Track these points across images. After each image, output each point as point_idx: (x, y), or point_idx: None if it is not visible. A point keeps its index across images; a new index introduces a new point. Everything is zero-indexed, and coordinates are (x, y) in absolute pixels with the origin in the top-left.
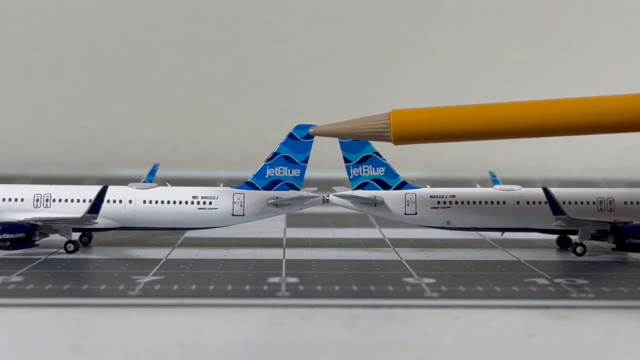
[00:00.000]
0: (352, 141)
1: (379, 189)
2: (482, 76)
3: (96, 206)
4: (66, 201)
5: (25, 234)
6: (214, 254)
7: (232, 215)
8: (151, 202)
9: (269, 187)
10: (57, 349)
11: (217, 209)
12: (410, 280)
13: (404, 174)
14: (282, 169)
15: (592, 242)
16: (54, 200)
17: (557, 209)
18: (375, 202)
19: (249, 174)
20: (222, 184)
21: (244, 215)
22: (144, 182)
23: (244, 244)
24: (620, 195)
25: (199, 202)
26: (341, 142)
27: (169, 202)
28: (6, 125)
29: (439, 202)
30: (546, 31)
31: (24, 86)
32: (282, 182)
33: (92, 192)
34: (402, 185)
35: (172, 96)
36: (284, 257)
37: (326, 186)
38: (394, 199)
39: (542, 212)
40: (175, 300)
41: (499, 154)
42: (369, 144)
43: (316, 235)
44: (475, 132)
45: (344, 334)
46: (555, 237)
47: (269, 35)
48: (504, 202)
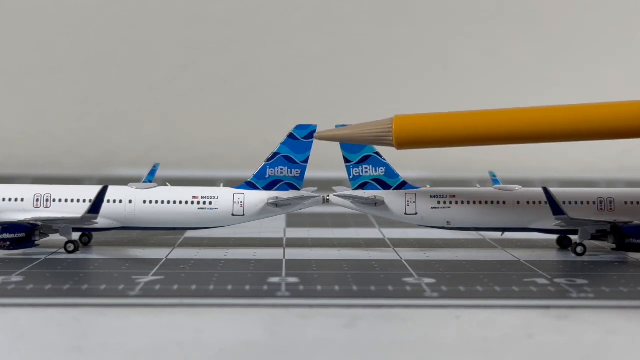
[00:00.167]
0: None
1: (379, 189)
2: (482, 76)
3: (96, 206)
4: (66, 201)
5: (25, 234)
6: (214, 254)
7: (232, 215)
8: (151, 202)
9: (269, 187)
10: (57, 349)
11: (217, 209)
12: (410, 280)
13: (404, 174)
14: (282, 169)
15: (592, 242)
16: (54, 200)
17: (557, 209)
18: (375, 202)
19: (249, 174)
20: (222, 184)
21: (244, 215)
22: (144, 182)
23: (244, 244)
24: (620, 195)
25: (199, 202)
26: (341, 142)
27: (169, 202)
28: (6, 125)
29: (439, 202)
30: (546, 31)
31: (24, 86)
32: (282, 182)
33: (92, 192)
34: (402, 185)
35: (172, 96)
36: (284, 257)
37: (326, 186)
38: (394, 199)
39: (542, 212)
40: (175, 300)
41: (499, 154)
42: None
43: (316, 235)
44: (476, 138)
45: (344, 334)
46: (555, 237)
47: (269, 35)
48: (504, 202)
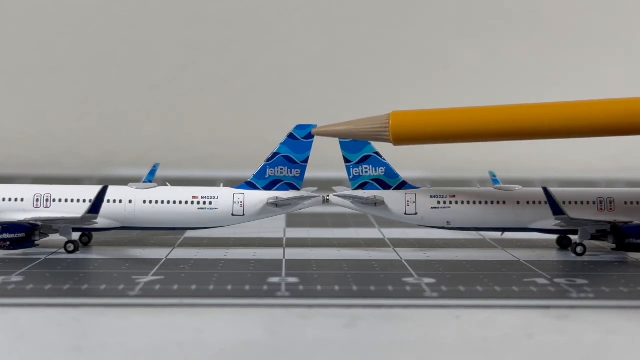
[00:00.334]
0: (352, 141)
1: (379, 189)
2: (482, 76)
3: (96, 206)
4: (66, 201)
5: (25, 234)
6: (214, 254)
7: (232, 215)
8: (151, 202)
9: (269, 187)
10: (57, 349)
11: (217, 209)
12: (410, 280)
13: (404, 174)
14: (282, 169)
15: (592, 242)
16: (54, 200)
17: (557, 209)
18: (375, 202)
19: (249, 174)
20: (222, 184)
21: (244, 215)
22: (144, 182)
23: (244, 244)
24: (620, 195)
25: (199, 202)
26: (341, 142)
27: (169, 202)
28: (6, 125)
29: (439, 202)
30: (546, 31)
31: (24, 86)
32: (282, 182)
33: (92, 192)
34: (402, 185)
35: (172, 96)
36: (284, 257)
37: (326, 186)
38: (394, 199)
39: (542, 212)
40: (175, 300)
41: (499, 154)
42: (369, 144)
43: (316, 235)
44: (474, 134)
45: (344, 334)
46: (555, 237)
47: (269, 35)
48: (504, 202)
